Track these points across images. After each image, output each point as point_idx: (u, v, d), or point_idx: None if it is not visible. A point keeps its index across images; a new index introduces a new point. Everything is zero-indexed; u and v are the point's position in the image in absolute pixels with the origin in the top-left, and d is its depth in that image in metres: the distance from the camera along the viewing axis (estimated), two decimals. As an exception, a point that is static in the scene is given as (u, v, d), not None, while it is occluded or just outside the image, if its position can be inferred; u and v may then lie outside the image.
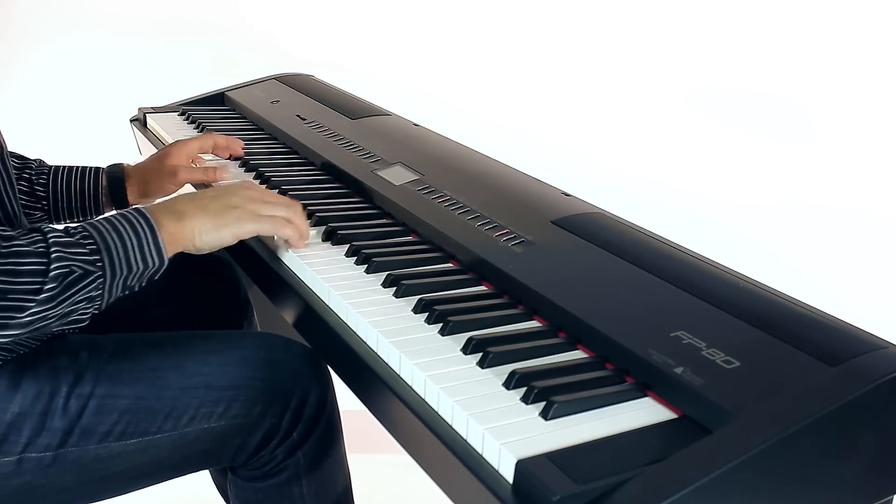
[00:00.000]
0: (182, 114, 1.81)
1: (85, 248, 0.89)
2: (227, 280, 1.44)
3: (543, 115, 2.20)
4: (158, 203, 1.01)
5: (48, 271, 0.85)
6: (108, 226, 0.92)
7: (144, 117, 1.79)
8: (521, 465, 0.68)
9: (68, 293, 0.87)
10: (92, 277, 0.88)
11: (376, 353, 0.89)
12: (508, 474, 0.69)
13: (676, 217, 1.82)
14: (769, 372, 0.76)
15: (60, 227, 0.90)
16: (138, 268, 0.93)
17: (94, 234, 0.91)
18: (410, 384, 0.83)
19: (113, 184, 1.35)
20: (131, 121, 1.83)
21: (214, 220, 1.00)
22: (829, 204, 2.00)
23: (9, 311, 0.83)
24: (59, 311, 0.87)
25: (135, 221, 0.94)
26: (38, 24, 2.32)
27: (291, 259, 1.09)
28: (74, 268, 0.87)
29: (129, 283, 0.93)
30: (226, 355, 1.06)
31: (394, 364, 0.86)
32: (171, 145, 1.40)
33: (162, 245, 0.94)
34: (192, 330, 1.31)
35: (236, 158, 1.49)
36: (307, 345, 1.10)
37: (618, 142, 2.16)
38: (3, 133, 1.08)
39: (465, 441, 0.75)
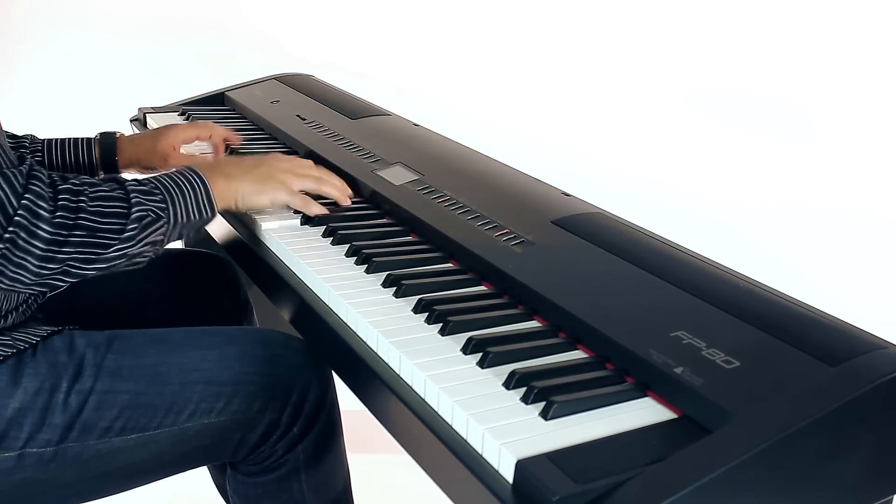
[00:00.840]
0: (182, 114, 1.81)
1: (156, 197, 1.01)
2: (227, 280, 1.44)
3: (543, 115, 2.20)
4: (207, 163, 1.22)
5: (129, 214, 0.96)
6: (170, 181, 1.04)
7: (144, 117, 1.79)
8: (521, 465, 0.68)
9: (144, 234, 0.98)
10: (161, 222, 1.00)
11: (376, 353, 0.89)
12: (508, 474, 0.69)
13: (676, 217, 1.82)
14: (769, 372, 0.76)
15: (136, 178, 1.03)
16: (193, 217, 1.05)
17: (161, 186, 1.03)
18: (410, 384, 0.83)
19: (105, 153, 1.40)
20: (131, 121, 1.83)
21: (256, 185, 1.14)
22: (829, 204, 2.00)
23: (97, 247, 0.94)
24: (133, 250, 0.97)
25: (192, 178, 1.06)
26: (39, 25, 2.32)
27: (291, 259, 1.09)
28: (150, 212, 0.99)
29: (182, 232, 1.05)
30: (226, 351, 1.06)
31: (394, 364, 0.86)
32: (168, 128, 1.43)
33: (214, 200, 1.07)
34: (191, 325, 1.31)
35: (234, 151, 1.50)
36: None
37: (618, 142, 2.16)
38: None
39: (465, 441, 0.75)
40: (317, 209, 1.19)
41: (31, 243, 0.90)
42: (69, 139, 1.38)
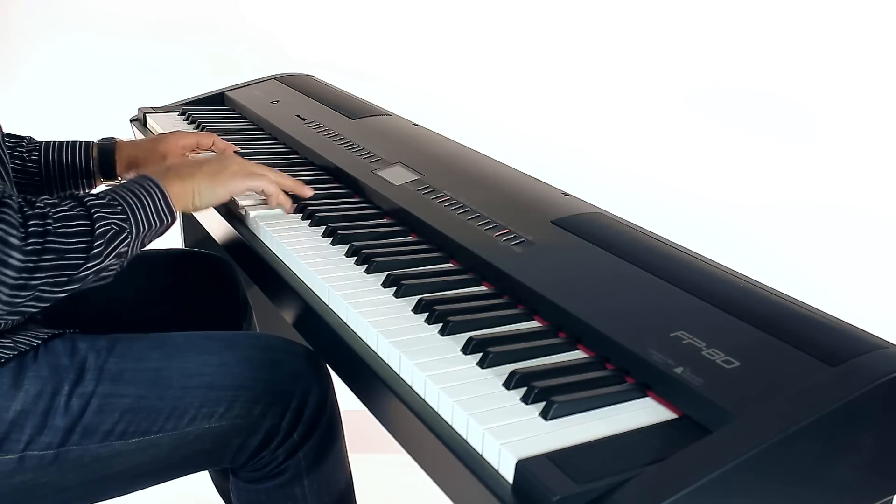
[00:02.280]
0: (182, 114, 1.81)
1: (116, 209, 0.99)
2: (227, 280, 1.44)
3: (543, 115, 2.19)
4: (160, 167, 1.17)
5: (94, 230, 0.94)
6: (126, 191, 1.02)
7: (144, 117, 1.79)
8: (521, 465, 0.68)
9: (109, 248, 0.96)
10: (125, 234, 0.98)
11: (376, 353, 0.89)
12: (508, 474, 0.69)
13: (676, 217, 1.82)
14: (769, 372, 0.76)
15: (92, 192, 1.00)
16: (155, 224, 1.03)
17: (119, 197, 1.00)
18: (410, 384, 0.83)
19: (103, 156, 1.40)
20: (131, 121, 1.83)
21: (210, 180, 1.12)
22: (829, 204, 2.00)
23: (67, 269, 0.92)
24: (101, 265, 0.96)
25: (147, 185, 1.04)
26: (38, 25, 2.32)
27: (291, 259, 1.09)
28: (113, 225, 0.97)
29: (146, 240, 1.04)
30: (227, 356, 1.06)
31: (394, 364, 0.86)
32: (171, 133, 1.44)
33: (171, 204, 1.05)
34: (192, 330, 1.31)
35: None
36: (307, 345, 1.10)
37: (618, 142, 2.16)
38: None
39: (465, 441, 0.75)
40: (275, 191, 1.20)
41: (3, 272, 0.87)
42: (67, 142, 1.38)
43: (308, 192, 1.25)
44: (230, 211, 1.28)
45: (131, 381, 1.00)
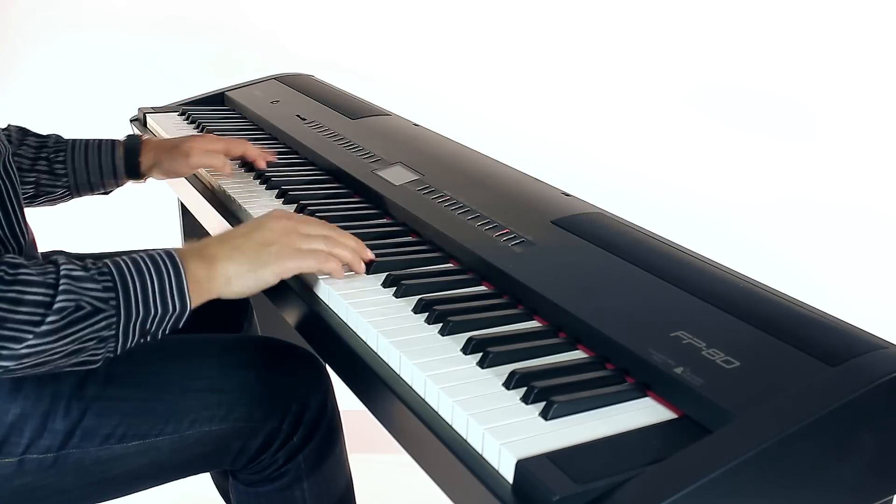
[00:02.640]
0: (182, 114, 1.81)
1: (98, 284, 0.84)
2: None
3: (543, 115, 2.20)
4: (189, 246, 0.94)
5: (52, 303, 0.81)
6: (131, 264, 0.87)
7: (144, 117, 1.79)
8: (521, 465, 0.68)
9: (73, 329, 0.82)
10: (102, 315, 0.84)
11: (376, 353, 0.89)
12: (508, 474, 0.69)
13: (676, 217, 1.82)
14: (769, 372, 0.76)
15: (80, 260, 0.87)
16: (157, 311, 0.87)
17: (114, 270, 0.86)
18: (410, 384, 0.83)
19: (129, 155, 1.37)
20: (131, 121, 1.83)
21: (251, 262, 0.93)
22: (829, 204, 2.00)
23: (5, 340, 0.79)
24: (62, 347, 0.82)
25: (160, 262, 0.89)
26: (38, 25, 2.32)
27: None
28: (83, 303, 0.83)
29: (147, 327, 0.88)
30: (227, 358, 1.06)
31: (394, 364, 0.86)
32: (199, 135, 1.40)
33: (186, 290, 0.89)
34: (192, 331, 1.31)
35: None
36: (308, 349, 1.10)
37: (618, 142, 2.16)
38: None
39: (465, 441, 0.75)
40: (335, 267, 0.98)
41: None
42: (93, 140, 1.37)
43: (370, 255, 1.03)
44: (227, 209, 1.28)
45: (131, 384, 1.00)
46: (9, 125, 1.36)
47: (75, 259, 0.87)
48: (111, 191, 1.40)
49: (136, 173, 1.38)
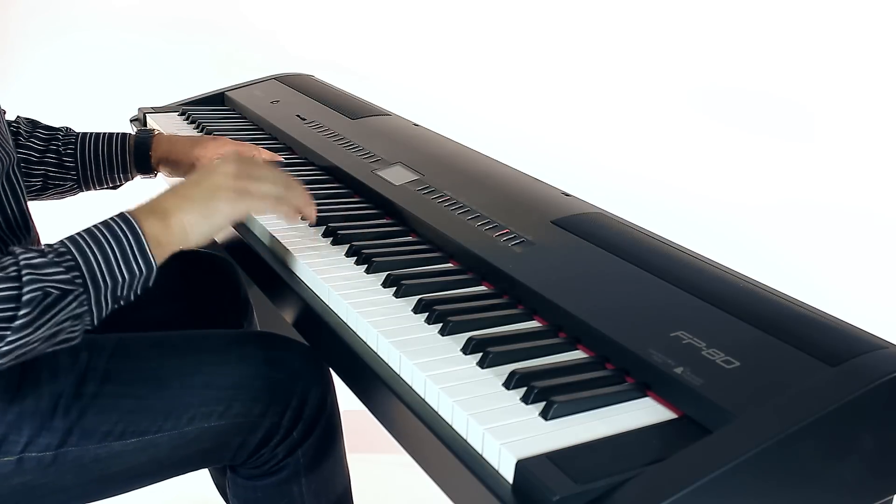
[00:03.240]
0: (182, 114, 1.81)
1: (61, 267, 0.83)
2: (227, 280, 1.44)
3: (543, 115, 2.20)
4: (140, 205, 0.93)
5: (20, 296, 0.80)
6: (88, 238, 0.87)
7: (144, 117, 1.79)
8: (521, 465, 0.68)
9: (47, 316, 0.82)
10: (72, 296, 0.84)
11: (376, 353, 0.89)
12: (508, 474, 0.69)
13: (676, 217, 1.82)
14: (769, 372, 0.76)
15: (36, 246, 0.86)
16: (124, 278, 0.87)
17: (73, 249, 0.86)
18: (410, 384, 0.83)
19: (139, 149, 1.36)
20: (131, 121, 1.83)
21: (202, 209, 0.94)
22: (829, 204, 2.00)
23: None
24: (41, 334, 0.82)
25: (117, 229, 0.88)
26: (38, 24, 2.32)
27: (291, 259, 1.09)
28: (49, 289, 0.82)
29: (119, 294, 0.88)
30: (226, 354, 1.06)
31: (394, 364, 0.86)
32: (211, 139, 1.38)
33: (148, 251, 0.89)
34: (192, 329, 1.31)
35: None
36: (307, 344, 1.10)
37: (618, 142, 2.16)
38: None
39: (465, 441, 0.75)
40: (287, 210, 1.02)
41: None
42: (104, 134, 1.36)
43: (314, 213, 1.09)
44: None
45: (130, 382, 1.00)
46: (18, 117, 1.36)
47: (32, 246, 0.87)
48: (119, 185, 1.40)
49: (146, 168, 1.38)
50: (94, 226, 0.89)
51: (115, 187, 1.40)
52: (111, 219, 0.90)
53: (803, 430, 0.69)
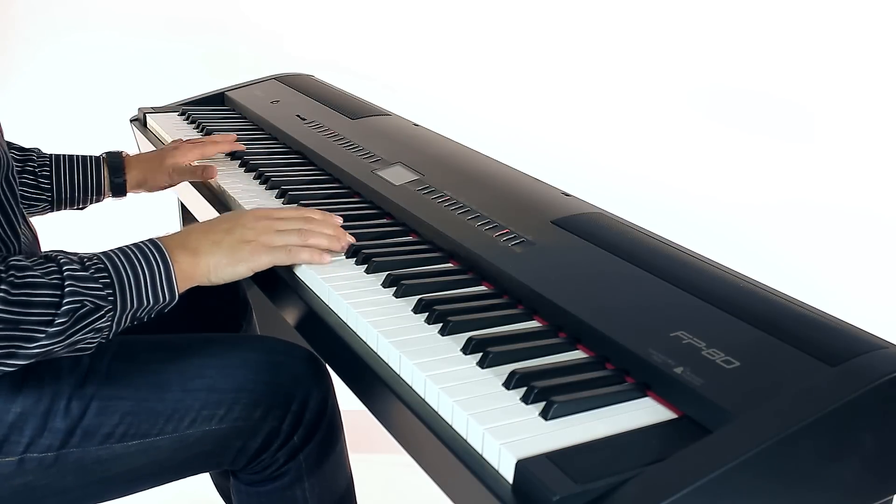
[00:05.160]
0: (182, 114, 1.81)
1: (98, 283, 0.89)
2: (227, 280, 1.44)
3: (543, 115, 2.20)
4: (173, 236, 1.01)
5: (60, 304, 0.85)
6: (123, 259, 0.93)
7: (144, 117, 1.79)
8: (521, 465, 0.68)
9: (78, 326, 0.87)
10: (103, 311, 0.89)
11: (376, 353, 0.89)
12: (508, 474, 0.69)
13: (676, 217, 1.82)
14: (769, 372, 0.76)
15: (75, 256, 0.90)
16: (149, 302, 0.93)
17: (109, 267, 0.91)
18: (410, 384, 0.83)
19: (114, 174, 1.40)
20: (131, 121, 1.83)
21: (229, 256, 1.00)
22: (829, 204, 2.00)
23: (18, 340, 0.84)
24: (66, 342, 0.87)
25: (150, 256, 0.94)
26: (38, 25, 2.32)
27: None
28: (87, 302, 0.87)
29: (138, 315, 0.94)
30: (227, 358, 1.06)
31: (394, 364, 0.86)
32: (176, 149, 1.43)
33: (174, 281, 0.95)
34: (191, 330, 1.31)
35: (236, 158, 1.50)
36: (308, 348, 1.10)
37: (618, 142, 2.16)
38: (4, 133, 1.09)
39: (465, 441, 0.75)
40: (308, 258, 1.04)
41: None
42: (77, 157, 1.39)
43: (349, 238, 1.09)
44: (228, 209, 1.28)
45: (131, 384, 1.00)
46: None
47: (71, 255, 0.91)
48: (87, 207, 1.42)
49: (120, 191, 1.41)
50: (128, 247, 0.95)
51: (82, 208, 1.41)
52: (143, 244, 0.96)
53: (803, 430, 0.69)
